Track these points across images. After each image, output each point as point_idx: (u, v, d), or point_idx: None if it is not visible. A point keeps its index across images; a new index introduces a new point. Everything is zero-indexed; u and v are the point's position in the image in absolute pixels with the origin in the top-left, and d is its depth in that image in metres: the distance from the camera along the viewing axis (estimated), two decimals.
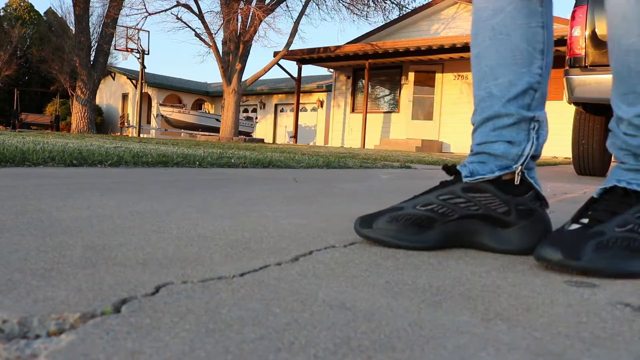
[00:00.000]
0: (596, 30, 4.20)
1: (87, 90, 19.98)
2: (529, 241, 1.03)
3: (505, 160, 1.07)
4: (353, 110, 17.87)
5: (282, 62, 18.25)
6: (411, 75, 16.39)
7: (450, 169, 1.10)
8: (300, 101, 19.29)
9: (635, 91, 0.97)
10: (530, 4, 1.08)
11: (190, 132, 23.94)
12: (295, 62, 17.89)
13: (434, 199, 1.06)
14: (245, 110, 26.47)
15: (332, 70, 18.75)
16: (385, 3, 18.50)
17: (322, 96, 23.50)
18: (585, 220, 0.94)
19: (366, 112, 16.23)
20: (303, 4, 18.10)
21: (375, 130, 17.10)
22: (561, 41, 10.89)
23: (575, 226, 0.94)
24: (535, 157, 1.10)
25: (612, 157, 1.11)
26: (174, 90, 27.67)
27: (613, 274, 0.86)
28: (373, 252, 1.00)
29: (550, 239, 0.91)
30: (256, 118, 25.09)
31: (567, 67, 4.31)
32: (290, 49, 17.61)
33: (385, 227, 1.03)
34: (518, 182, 1.06)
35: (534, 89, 1.08)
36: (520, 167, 1.06)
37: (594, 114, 4.67)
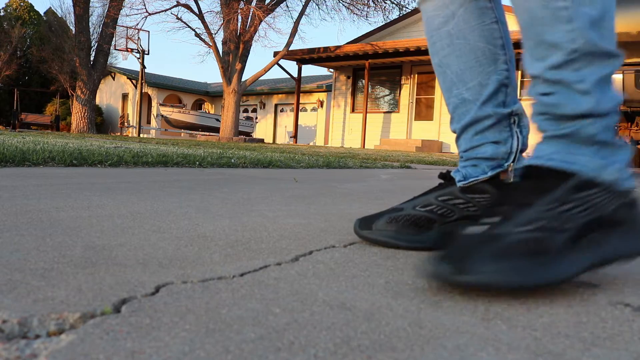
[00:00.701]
0: None
1: (87, 90, 19.98)
2: None
3: (496, 160, 1.06)
4: (353, 110, 17.87)
5: (282, 62, 18.27)
6: (413, 76, 16.40)
7: (445, 176, 1.10)
8: (300, 101, 19.29)
9: (543, 41, 0.83)
10: (478, 3, 1.05)
11: (190, 132, 23.94)
12: (295, 62, 17.89)
13: (433, 200, 1.06)
14: (245, 110, 26.46)
15: (332, 70, 18.74)
16: (385, 3, 18.49)
17: (322, 96, 23.50)
18: (489, 220, 0.83)
19: (366, 112, 16.22)
20: (303, 4, 18.11)
21: (375, 130, 17.10)
22: None
23: (474, 228, 0.84)
24: (524, 151, 1.07)
25: None
26: (174, 90, 27.67)
27: (513, 288, 0.72)
28: (373, 252, 1.00)
29: (438, 250, 0.77)
30: (256, 118, 25.08)
31: None
32: (290, 49, 17.60)
33: (384, 228, 1.04)
34: (511, 179, 1.05)
35: (505, 85, 1.05)
36: (512, 165, 1.05)
37: None
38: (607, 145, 0.83)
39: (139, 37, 20.83)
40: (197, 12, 17.97)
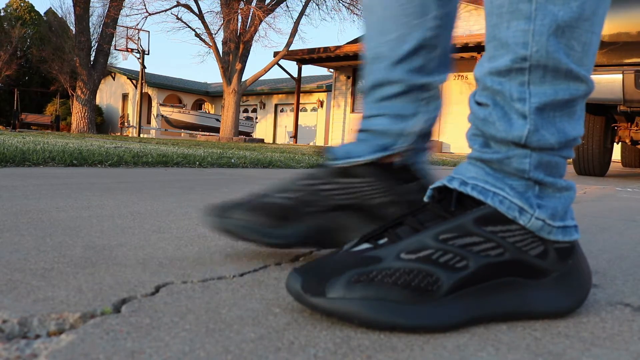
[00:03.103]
0: None
1: (87, 90, 19.99)
2: None
3: (387, 139, 0.85)
4: (353, 110, 17.87)
5: (282, 62, 18.28)
6: None
7: (324, 151, 0.91)
8: (300, 101, 19.29)
9: (495, 37, 0.66)
10: None
11: (190, 132, 23.95)
12: (295, 62, 17.89)
13: (298, 185, 0.86)
14: (245, 110, 26.47)
15: (332, 70, 18.75)
16: None
17: (322, 96, 23.50)
18: (382, 240, 0.64)
19: None
20: (303, 4, 18.12)
21: None
22: None
23: (361, 246, 0.65)
24: (425, 135, 0.88)
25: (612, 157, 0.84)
26: (174, 90, 27.68)
27: (369, 323, 0.58)
28: None
29: (310, 262, 0.65)
30: (256, 118, 25.09)
31: None
32: (290, 49, 17.61)
33: (239, 216, 0.84)
34: (400, 166, 0.86)
35: (427, 47, 0.84)
36: (404, 147, 0.85)
37: (593, 114, 4.67)
38: (539, 185, 0.66)
39: (139, 37, 20.86)
40: (197, 12, 17.98)
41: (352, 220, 0.85)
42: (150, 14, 18.56)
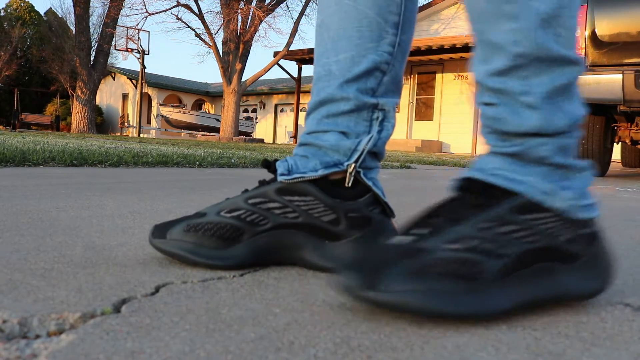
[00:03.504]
0: (596, 30, 4.20)
1: (87, 90, 19.99)
2: None
3: (336, 155, 0.85)
4: None
5: (282, 62, 18.26)
6: (413, 76, 16.40)
7: (270, 164, 0.88)
8: (301, 101, 19.27)
9: (487, 40, 0.69)
10: None
11: (190, 132, 23.95)
12: (296, 62, 17.88)
13: (242, 204, 0.84)
14: (245, 110, 26.47)
15: None
16: None
17: None
18: (419, 231, 0.67)
19: None
20: (303, 4, 18.12)
21: None
22: None
23: (401, 239, 0.67)
24: (376, 154, 0.89)
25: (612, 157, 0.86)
26: (174, 90, 27.68)
27: (426, 313, 0.61)
28: None
29: (355, 258, 0.66)
30: (256, 118, 25.09)
31: None
32: (290, 49, 17.61)
33: (180, 237, 0.82)
34: (350, 184, 0.85)
35: (381, 71, 0.86)
36: (353, 165, 0.84)
37: (593, 114, 4.67)
38: (562, 168, 0.70)
39: (139, 37, 20.86)
40: (197, 12, 17.99)
41: (298, 238, 0.84)
42: (150, 14, 18.57)
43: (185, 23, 18.48)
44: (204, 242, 0.81)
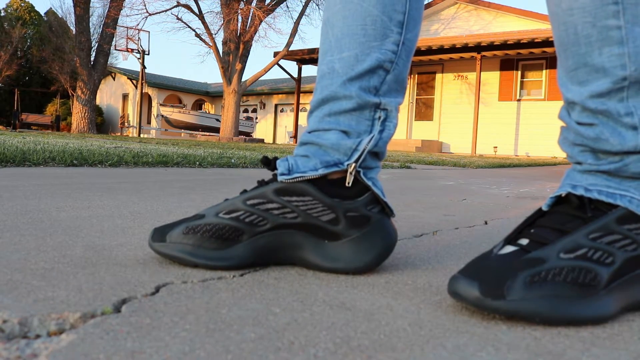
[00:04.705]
0: None
1: (88, 90, 20.00)
2: (363, 257, 0.82)
3: (336, 155, 0.85)
4: None
5: (282, 62, 18.29)
6: (413, 76, 16.40)
7: (270, 162, 0.88)
8: (301, 101, 19.29)
9: (586, 64, 0.72)
10: None
11: (190, 132, 23.96)
12: (296, 62, 17.89)
13: (240, 205, 0.84)
14: (246, 110, 26.48)
15: None
16: None
17: None
18: (525, 242, 0.71)
19: None
20: (303, 4, 18.14)
21: None
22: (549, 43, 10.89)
23: (508, 249, 0.71)
24: (377, 154, 0.88)
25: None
26: (174, 90, 27.68)
27: (551, 319, 0.63)
28: None
29: (469, 267, 0.69)
30: (256, 118, 25.09)
31: None
32: (290, 49, 17.61)
33: (180, 240, 0.82)
34: (350, 183, 0.84)
35: (384, 69, 0.86)
36: (354, 165, 0.84)
37: None
38: None
39: (139, 38, 20.88)
40: (197, 13, 18.00)
41: (298, 238, 0.84)
42: (150, 14, 18.58)
43: (185, 23, 18.50)
44: (203, 244, 0.82)
